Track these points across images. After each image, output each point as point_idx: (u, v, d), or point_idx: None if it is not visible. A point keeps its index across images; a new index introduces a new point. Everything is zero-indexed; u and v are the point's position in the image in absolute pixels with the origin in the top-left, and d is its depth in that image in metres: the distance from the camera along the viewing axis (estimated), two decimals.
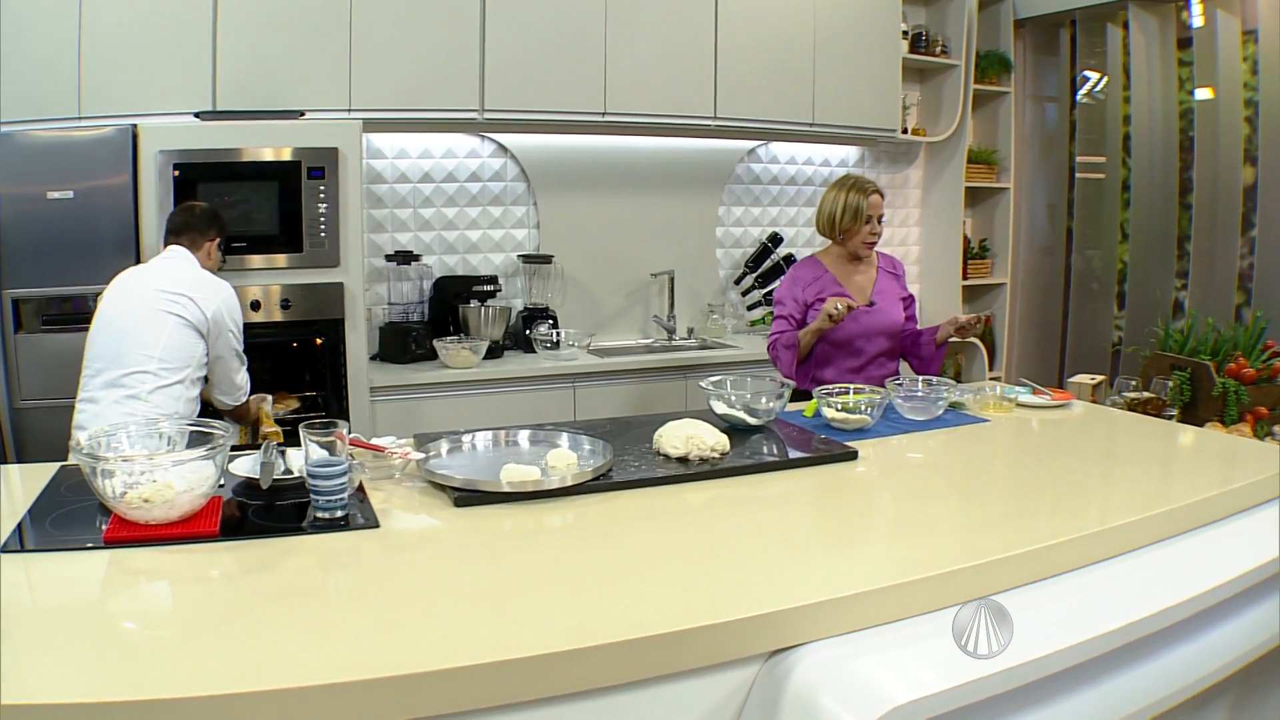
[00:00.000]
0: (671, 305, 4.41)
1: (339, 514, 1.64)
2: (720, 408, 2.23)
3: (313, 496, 1.64)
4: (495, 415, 3.54)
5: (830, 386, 2.40)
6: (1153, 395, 2.79)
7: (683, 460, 1.93)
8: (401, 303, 3.90)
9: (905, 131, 4.66)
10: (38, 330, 2.81)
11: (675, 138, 4.32)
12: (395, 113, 3.54)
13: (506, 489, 1.72)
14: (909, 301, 3.10)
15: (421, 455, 1.89)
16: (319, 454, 1.71)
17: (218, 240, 2.72)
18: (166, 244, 2.66)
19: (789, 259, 4.52)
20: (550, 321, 4.09)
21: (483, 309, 3.85)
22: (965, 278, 4.90)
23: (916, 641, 1.29)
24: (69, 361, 2.56)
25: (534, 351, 3.94)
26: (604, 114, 3.89)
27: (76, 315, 2.83)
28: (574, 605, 1.28)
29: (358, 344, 3.30)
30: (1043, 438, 2.34)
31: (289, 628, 1.21)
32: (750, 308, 4.64)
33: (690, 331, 4.48)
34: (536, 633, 1.19)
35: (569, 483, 1.78)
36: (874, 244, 3.02)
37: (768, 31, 4.17)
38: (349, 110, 3.43)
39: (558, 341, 3.96)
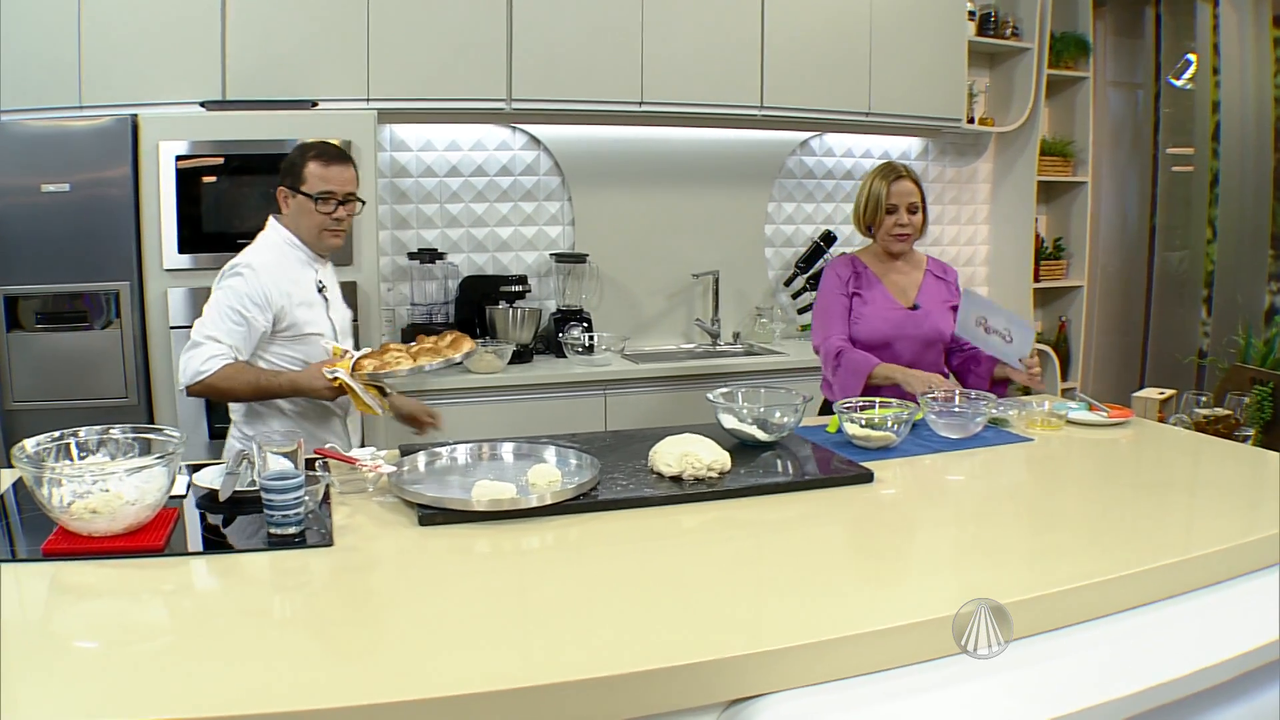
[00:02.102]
0: (716, 308, 4.32)
1: (293, 530, 1.60)
2: (729, 422, 2.14)
3: (266, 511, 1.61)
4: (519, 424, 3.48)
5: (853, 399, 2.28)
6: (1227, 412, 2.60)
7: (677, 480, 1.85)
8: (425, 303, 3.88)
9: (972, 121, 4.50)
10: (33, 329, 2.85)
11: (720, 129, 4.23)
12: (416, 103, 3.52)
13: (476, 508, 1.66)
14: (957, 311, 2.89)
15: (393, 469, 1.84)
16: (277, 466, 1.68)
17: (284, 190, 2.35)
18: None
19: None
20: (584, 324, 4.02)
21: (511, 310, 3.81)
22: (1037, 280, 4.72)
23: (898, 698, 1.19)
24: (65, 362, 2.59)
25: (565, 356, 3.88)
26: (640, 103, 3.81)
27: (72, 314, 2.86)
28: (514, 640, 1.22)
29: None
30: (1088, 461, 2.20)
31: (211, 654, 1.17)
32: (801, 311, 4.51)
33: (736, 336, 4.38)
34: (458, 670, 1.12)
35: (547, 501, 1.71)
36: (905, 237, 2.77)
37: (819, 13, 4.04)
38: (367, 100, 3.42)
39: (590, 346, 3.89)
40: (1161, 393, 2.80)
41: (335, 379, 2.17)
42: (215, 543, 1.61)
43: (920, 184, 2.79)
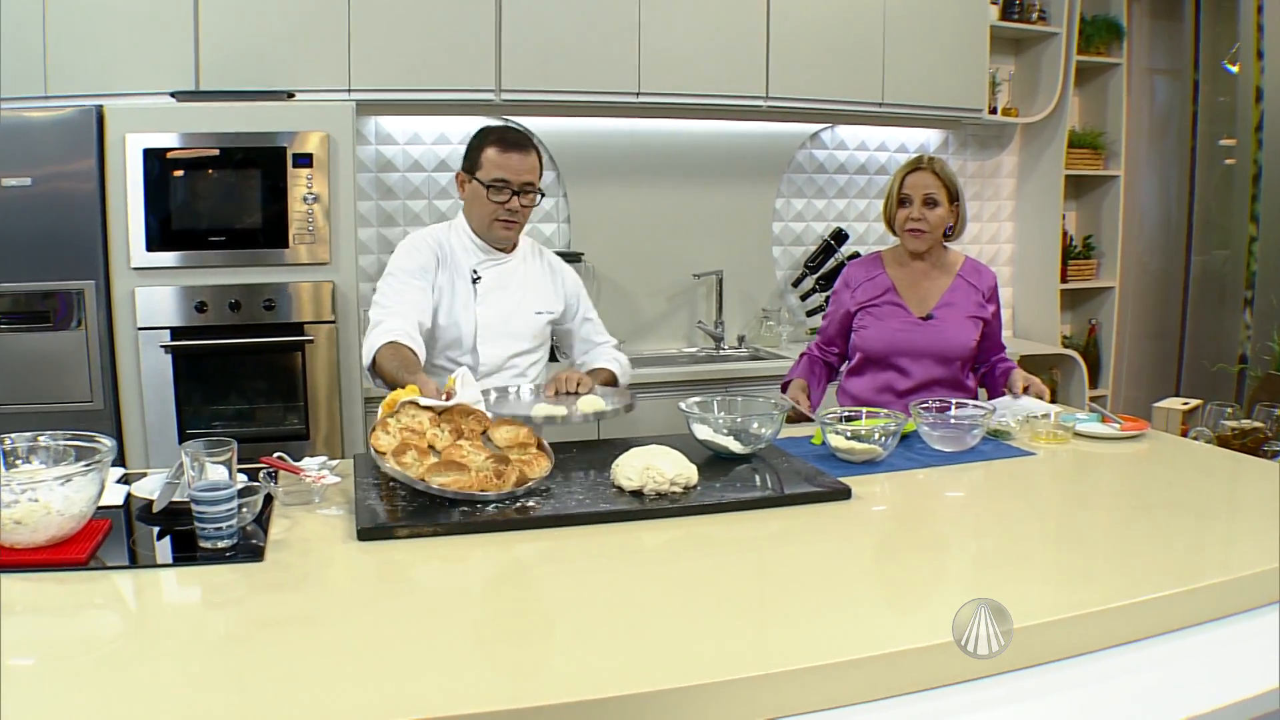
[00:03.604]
0: (719, 310, 4.29)
1: (224, 544, 1.59)
2: (702, 433, 2.11)
3: (197, 524, 1.60)
4: None
5: (838, 409, 2.25)
6: (1257, 425, 2.53)
7: (638, 494, 1.82)
8: None
9: (994, 111, 4.46)
10: None
11: (723, 121, 4.20)
12: (399, 94, 3.53)
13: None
14: (994, 321, 2.78)
15: (338, 479, 1.83)
16: (211, 476, 1.67)
17: (462, 174, 2.51)
18: None
19: (854, 258, 4.33)
20: None
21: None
22: (1065, 280, 4.67)
23: None
24: (26, 364, 2.61)
25: (556, 360, 3.86)
26: (638, 94, 3.80)
27: (34, 314, 2.88)
28: (433, 668, 1.19)
29: (351, 350, 3.28)
30: (1091, 478, 2.15)
31: (88, 680, 1.15)
32: (810, 313, 4.48)
33: (741, 340, 4.35)
34: (358, 702, 1.10)
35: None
36: (918, 234, 2.68)
37: None
38: (348, 91, 3.43)
39: None
40: (1185, 403, 2.74)
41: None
42: (142, 557, 1.60)
43: (948, 177, 2.69)
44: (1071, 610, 1.37)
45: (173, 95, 3.16)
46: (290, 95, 3.26)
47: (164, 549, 1.65)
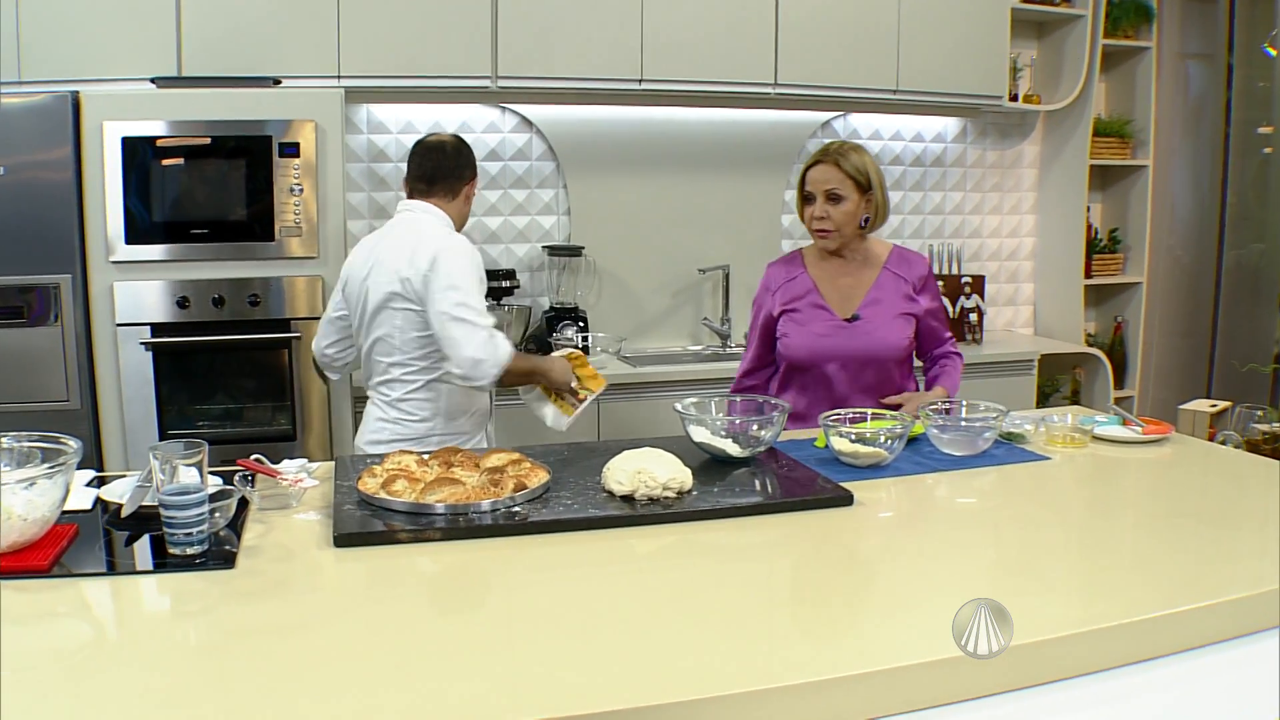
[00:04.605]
0: (726, 306, 4.28)
1: (194, 550, 1.59)
2: (699, 435, 2.09)
3: (166, 530, 1.60)
4: (501, 435, 3.45)
5: (842, 411, 2.23)
6: None
7: (629, 499, 1.81)
8: None
9: (1015, 99, 4.43)
10: None
11: (730, 109, 4.19)
12: (391, 80, 3.52)
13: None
14: (927, 316, 2.66)
15: (316, 483, 1.83)
16: (183, 479, 1.66)
17: (474, 181, 2.75)
18: (410, 196, 2.69)
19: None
20: (579, 324, 4.01)
21: (499, 308, 3.80)
22: (1089, 276, 4.63)
23: None
24: None
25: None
26: (641, 81, 3.79)
27: (7, 310, 2.88)
28: (409, 684, 1.18)
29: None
30: (1109, 485, 2.13)
31: (57, 698, 1.15)
32: None
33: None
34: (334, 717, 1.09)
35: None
36: (824, 233, 2.55)
37: None
38: (337, 77, 3.42)
39: (584, 347, 3.87)
40: (1213, 405, 2.71)
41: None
42: (109, 564, 1.60)
43: (855, 167, 2.54)
44: (1090, 624, 1.35)
45: (153, 81, 3.16)
46: (277, 81, 3.25)
47: (131, 555, 1.64)
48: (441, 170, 2.66)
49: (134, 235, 3.04)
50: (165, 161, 3.06)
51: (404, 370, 2.58)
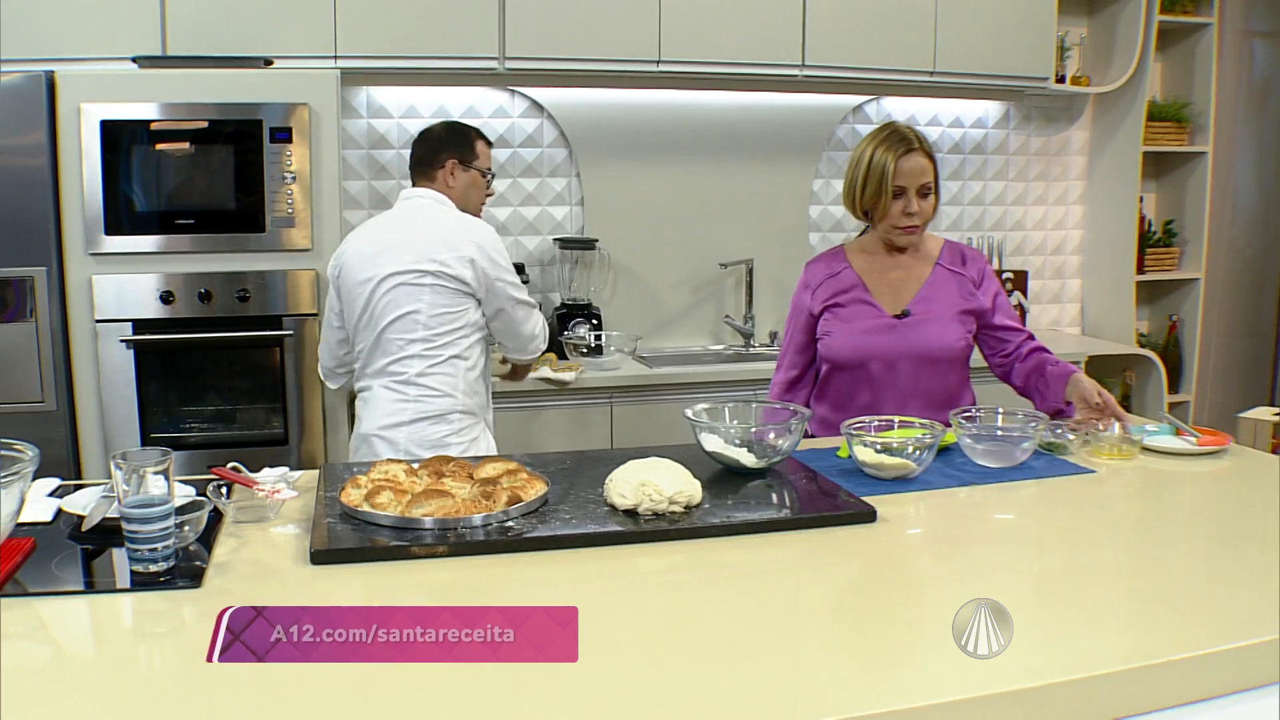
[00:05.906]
0: (749, 303, 4.26)
1: (156, 567, 1.55)
2: (711, 444, 2.05)
3: (129, 545, 1.56)
4: (510, 438, 3.43)
5: (866, 419, 2.17)
6: None
7: (632, 514, 1.76)
8: None
9: (1063, 80, 4.39)
10: None
11: (754, 92, 4.17)
12: (391, 61, 3.53)
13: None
14: (998, 311, 2.57)
15: (295, 494, 1.80)
16: (151, 489, 1.63)
17: (454, 162, 2.84)
18: (415, 183, 2.87)
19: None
20: (593, 321, 3.99)
21: None
22: (1141, 271, 4.58)
23: None
24: None
25: (567, 358, 3.84)
26: (659, 62, 3.78)
27: None
28: (377, 713, 1.14)
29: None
30: (1161, 501, 2.07)
31: None
32: None
33: (773, 337, 4.30)
34: None
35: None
36: (911, 230, 2.48)
37: None
38: (333, 57, 3.42)
39: (597, 346, 3.84)
40: (1277, 413, 2.66)
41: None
42: (67, 581, 1.57)
43: (934, 156, 2.50)
44: (1141, 660, 1.29)
45: (135, 61, 3.15)
46: (268, 62, 3.25)
47: (91, 573, 1.62)
48: (425, 155, 2.86)
49: (114, 225, 3.03)
50: (148, 147, 3.05)
51: (426, 346, 2.66)
